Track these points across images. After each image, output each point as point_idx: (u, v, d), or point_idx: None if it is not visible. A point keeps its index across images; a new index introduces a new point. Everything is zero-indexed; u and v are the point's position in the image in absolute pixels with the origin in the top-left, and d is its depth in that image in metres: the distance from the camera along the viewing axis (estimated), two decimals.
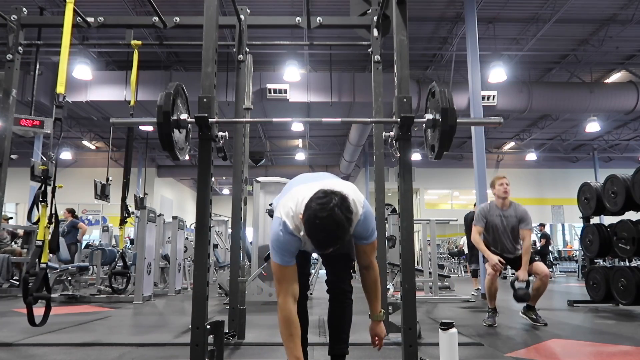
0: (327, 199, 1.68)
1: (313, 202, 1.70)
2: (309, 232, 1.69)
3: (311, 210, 1.67)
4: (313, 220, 1.65)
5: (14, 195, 17.79)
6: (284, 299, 1.84)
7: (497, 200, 4.40)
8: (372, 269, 2.08)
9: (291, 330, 1.81)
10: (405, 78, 2.26)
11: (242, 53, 3.54)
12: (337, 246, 1.72)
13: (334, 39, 10.34)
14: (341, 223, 1.66)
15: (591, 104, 12.49)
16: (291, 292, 1.85)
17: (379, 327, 2.13)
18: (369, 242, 2.01)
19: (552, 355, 3.04)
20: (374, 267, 2.08)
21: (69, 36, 3.29)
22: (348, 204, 1.71)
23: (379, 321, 2.12)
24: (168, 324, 4.27)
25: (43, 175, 3.27)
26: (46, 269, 3.25)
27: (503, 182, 4.40)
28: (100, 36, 10.36)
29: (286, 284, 1.85)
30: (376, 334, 2.12)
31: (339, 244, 1.70)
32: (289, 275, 1.86)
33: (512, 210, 4.34)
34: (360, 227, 1.92)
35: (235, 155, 3.50)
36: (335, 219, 1.64)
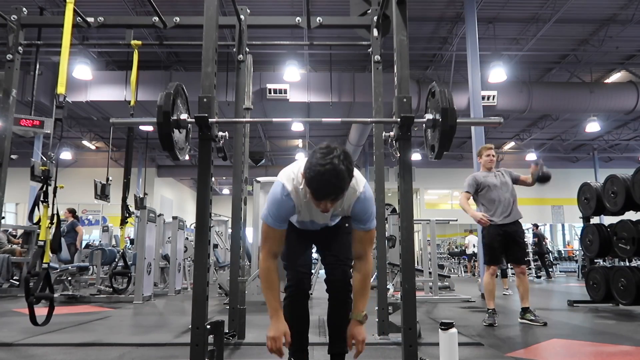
0: (329, 150, 1.72)
1: (316, 152, 1.74)
2: (309, 179, 1.70)
3: (313, 159, 1.71)
4: (314, 168, 1.68)
5: (14, 195, 17.79)
6: (265, 256, 1.98)
7: (483, 169, 4.53)
8: (365, 262, 2.05)
9: (269, 283, 1.96)
10: (405, 78, 2.26)
11: (242, 53, 3.54)
12: (335, 197, 1.72)
13: (334, 39, 10.34)
14: (341, 172, 1.67)
15: (591, 104, 12.49)
16: (273, 251, 1.98)
17: (357, 328, 2.00)
18: (365, 227, 2.00)
19: (552, 355, 3.04)
20: (368, 260, 2.05)
21: (69, 36, 3.29)
22: (350, 159, 1.74)
23: (358, 321, 2.01)
24: (168, 324, 4.27)
25: (44, 176, 3.27)
26: (48, 268, 3.26)
27: (490, 153, 4.51)
28: (100, 36, 10.36)
29: (270, 243, 1.98)
30: (353, 336, 2.00)
31: (337, 194, 1.71)
32: (275, 236, 1.97)
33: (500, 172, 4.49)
34: (358, 207, 1.94)
35: (235, 155, 3.49)
36: (335, 167, 1.66)
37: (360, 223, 2.00)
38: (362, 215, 1.96)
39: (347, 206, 1.95)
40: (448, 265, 15.27)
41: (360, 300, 2.04)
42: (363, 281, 2.05)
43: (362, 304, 2.04)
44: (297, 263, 2.11)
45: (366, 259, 2.04)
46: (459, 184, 20.37)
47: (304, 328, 2.15)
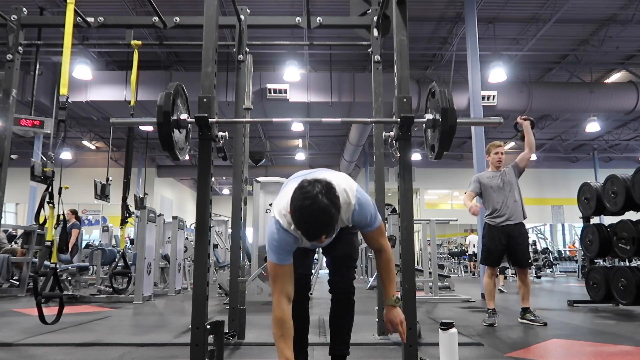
0: (310, 187, 1.67)
1: (296, 193, 1.69)
2: (296, 223, 1.68)
3: (296, 201, 1.66)
4: (298, 211, 1.64)
5: (14, 195, 17.80)
6: (278, 299, 1.84)
7: (492, 168, 4.49)
8: (383, 252, 2.04)
9: (283, 330, 1.80)
10: (405, 78, 2.26)
11: (242, 53, 3.54)
12: (327, 233, 1.68)
13: (334, 39, 10.34)
14: (327, 209, 1.63)
15: (591, 104, 12.49)
16: (286, 291, 1.84)
17: (393, 312, 1.99)
18: (373, 228, 1.98)
19: (552, 355, 3.04)
20: (386, 249, 2.04)
21: (70, 37, 3.29)
22: (333, 190, 1.69)
23: (392, 306, 2.00)
24: (168, 324, 4.27)
25: (48, 177, 3.28)
26: (56, 268, 3.28)
27: (499, 151, 4.45)
28: (100, 36, 10.36)
29: (281, 283, 1.85)
30: (390, 320, 1.99)
31: (328, 231, 1.67)
32: (284, 274, 1.86)
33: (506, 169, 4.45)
34: (358, 217, 1.91)
35: (235, 155, 3.50)
36: (319, 205, 1.62)
37: (365, 227, 1.98)
38: (364, 221, 1.94)
39: (347, 220, 1.91)
40: (448, 265, 15.27)
41: (389, 285, 2.02)
42: (387, 267, 2.04)
43: (391, 288, 2.02)
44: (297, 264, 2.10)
45: (384, 248, 2.03)
46: (459, 184, 20.34)
47: (304, 329, 2.15)
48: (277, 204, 1.90)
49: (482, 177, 4.45)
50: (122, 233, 6.58)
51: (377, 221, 1.99)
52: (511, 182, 4.36)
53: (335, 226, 1.71)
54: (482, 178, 4.44)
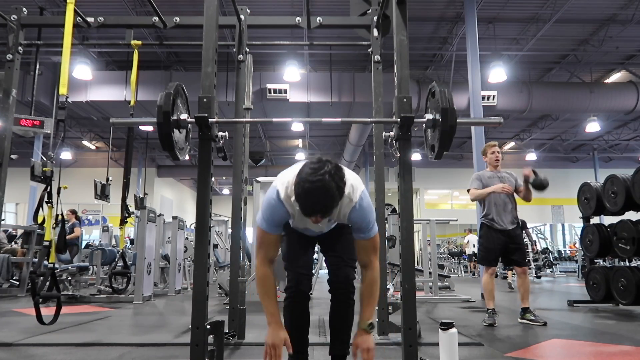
0: (321, 165, 1.65)
1: (306, 166, 1.68)
2: (297, 195, 1.66)
3: (303, 173, 1.65)
4: (303, 184, 1.63)
5: (14, 195, 17.79)
6: (260, 262, 1.95)
7: (490, 168, 4.48)
8: (370, 269, 1.99)
9: (266, 288, 1.93)
10: (405, 78, 2.26)
11: (242, 53, 3.54)
12: (323, 214, 1.67)
13: (334, 39, 10.34)
14: (330, 189, 1.61)
15: (591, 104, 12.49)
16: (269, 256, 1.95)
17: (363, 337, 1.91)
18: (366, 236, 1.95)
19: (552, 355, 3.04)
20: (374, 267, 2.00)
21: (70, 37, 3.29)
22: (341, 174, 1.68)
23: (364, 330, 1.92)
24: (168, 324, 4.27)
25: (47, 176, 3.28)
26: (54, 268, 3.28)
27: (495, 150, 4.46)
28: (100, 36, 10.36)
29: (266, 248, 1.95)
30: (357, 344, 1.91)
31: (325, 211, 1.66)
32: (270, 241, 1.95)
33: (506, 174, 4.43)
34: (355, 216, 1.89)
35: (235, 155, 3.50)
36: (324, 184, 1.60)
37: (359, 232, 1.95)
38: (360, 224, 1.91)
39: (343, 215, 1.90)
40: (448, 265, 15.26)
41: (367, 309, 1.97)
42: (369, 289, 1.99)
43: (368, 312, 1.97)
44: (298, 264, 2.10)
45: (371, 266, 1.99)
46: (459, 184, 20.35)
47: (304, 329, 2.14)
48: (283, 175, 1.93)
49: (483, 176, 4.45)
50: (122, 233, 6.59)
51: (374, 231, 1.97)
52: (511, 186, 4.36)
53: (333, 210, 1.70)
54: (483, 177, 4.43)
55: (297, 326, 2.09)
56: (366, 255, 1.99)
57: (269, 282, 1.94)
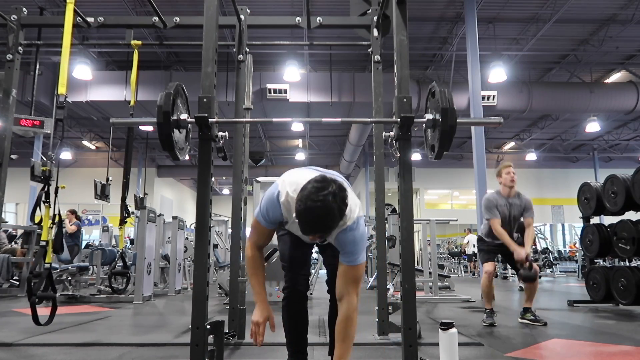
0: (325, 184, 1.62)
1: (310, 183, 1.64)
2: (298, 213, 1.62)
3: (306, 191, 1.61)
4: (305, 201, 1.59)
5: (14, 195, 17.80)
6: (250, 246, 2.02)
7: (504, 189, 4.35)
8: (347, 303, 1.80)
9: (255, 269, 2.00)
10: (405, 78, 2.26)
11: (242, 53, 3.54)
12: (322, 234, 1.66)
13: (334, 39, 10.34)
14: (332, 212, 1.58)
15: (591, 104, 12.50)
16: (259, 243, 2.02)
17: None
18: (350, 261, 1.81)
19: (552, 355, 3.04)
20: (351, 301, 1.80)
21: (69, 36, 3.29)
22: (345, 196, 1.64)
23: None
24: (168, 324, 4.27)
25: (45, 176, 3.27)
26: (50, 268, 3.27)
27: (510, 170, 4.36)
28: (100, 36, 10.37)
29: (257, 235, 2.01)
30: None
31: (324, 232, 1.64)
32: (261, 231, 2.00)
33: (517, 199, 4.34)
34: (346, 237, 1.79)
35: (235, 155, 3.49)
36: (327, 205, 1.57)
37: (344, 255, 1.82)
38: (348, 247, 1.80)
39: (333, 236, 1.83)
40: (448, 265, 15.26)
41: (341, 348, 1.79)
42: (343, 326, 1.80)
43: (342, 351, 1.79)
44: (295, 264, 2.09)
45: (349, 299, 1.80)
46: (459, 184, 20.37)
47: (303, 329, 2.14)
48: (290, 177, 1.89)
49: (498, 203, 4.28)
50: (121, 233, 6.59)
51: (360, 260, 1.84)
52: (516, 217, 4.31)
53: (332, 231, 1.68)
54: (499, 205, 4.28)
55: (295, 326, 2.09)
56: (345, 285, 1.82)
57: (257, 262, 2.01)
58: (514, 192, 4.34)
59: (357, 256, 1.82)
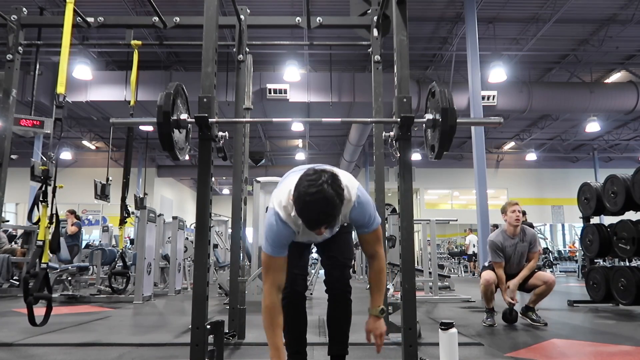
0: (317, 176, 1.66)
1: (303, 180, 1.67)
2: (299, 211, 1.66)
3: (301, 187, 1.65)
4: (303, 198, 1.62)
5: (14, 195, 17.79)
6: (269, 290, 1.87)
7: (508, 228, 4.28)
8: (377, 259, 2.01)
9: (273, 319, 1.86)
10: (405, 78, 2.26)
11: (242, 53, 3.54)
12: (329, 224, 1.67)
13: (334, 39, 10.34)
14: (331, 199, 1.62)
15: (591, 104, 12.50)
16: (277, 282, 1.88)
17: (376, 323, 1.99)
18: (370, 230, 1.96)
19: (552, 355, 3.04)
20: (380, 257, 2.01)
21: (69, 36, 3.29)
22: (338, 181, 1.68)
23: (376, 317, 1.99)
24: (168, 324, 4.27)
25: (43, 176, 3.26)
26: (47, 269, 3.25)
27: (515, 209, 4.28)
28: (100, 36, 10.37)
29: (273, 274, 1.88)
30: (370, 330, 1.99)
31: (330, 221, 1.66)
32: (277, 266, 1.88)
33: (522, 236, 4.29)
34: (355, 214, 1.90)
35: (235, 155, 3.50)
36: (325, 195, 1.61)
37: (362, 227, 1.96)
38: (362, 220, 1.93)
39: (344, 215, 1.89)
40: (448, 265, 15.26)
41: (376, 295, 2.01)
42: (377, 276, 2.02)
43: (378, 298, 2.00)
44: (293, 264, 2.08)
45: (378, 257, 2.01)
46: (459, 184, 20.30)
47: (301, 329, 2.14)
48: (277, 195, 1.89)
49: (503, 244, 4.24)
50: (121, 233, 6.59)
51: (376, 223, 1.96)
52: (523, 255, 4.29)
53: (337, 218, 1.70)
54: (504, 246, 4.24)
55: (293, 326, 2.09)
56: (371, 247, 2.00)
57: (276, 312, 1.87)
58: (518, 230, 4.28)
59: (372, 223, 1.95)
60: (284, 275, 1.91)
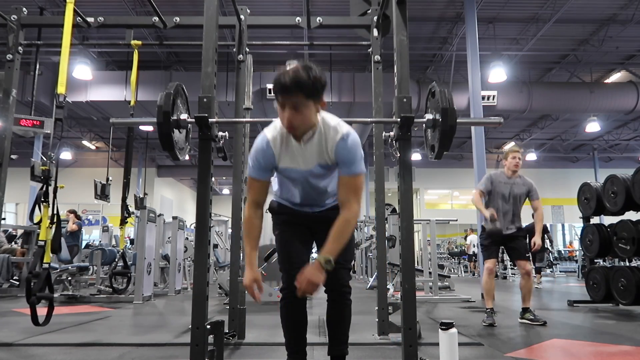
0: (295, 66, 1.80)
1: None
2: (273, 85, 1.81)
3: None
4: (277, 76, 1.79)
5: (14, 195, 17.78)
6: (248, 205, 2.01)
7: (507, 171, 4.43)
8: (347, 209, 1.89)
9: (249, 230, 2.00)
10: (405, 78, 2.26)
11: (242, 53, 3.54)
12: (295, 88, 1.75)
13: (334, 39, 10.34)
14: (299, 72, 1.75)
15: (591, 104, 12.49)
16: (256, 200, 2.00)
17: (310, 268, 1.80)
18: (350, 172, 1.90)
19: (552, 355, 3.04)
20: (351, 208, 1.89)
21: (69, 36, 3.29)
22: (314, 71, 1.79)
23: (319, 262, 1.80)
24: (168, 324, 4.27)
25: (44, 176, 3.27)
26: (49, 269, 3.26)
27: (516, 155, 4.43)
28: (100, 36, 10.36)
29: (253, 194, 2.00)
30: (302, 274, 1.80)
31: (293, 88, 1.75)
32: (257, 187, 1.99)
33: (520, 179, 4.41)
34: (342, 149, 1.90)
35: (235, 155, 3.50)
36: (296, 69, 1.76)
37: (344, 166, 1.91)
38: (346, 157, 1.90)
39: (330, 148, 1.91)
40: (448, 265, 15.26)
41: (330, 243, 1.85)
42: (340, 225, 1.88)
43: (332, 247, 1.85)
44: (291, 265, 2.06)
45: (349, 207, 1.89)
46: (459, 184, 20.26)
47: (301, 329, 2.11)
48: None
49: (495, 179, 4.38)
50: (122, 233, 6.59)
51: (359, 169, 1.92)
52: (519, 196, 4.36)
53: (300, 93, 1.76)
54: (495, 180, 4.37)
55: (293, 326, 2.08)
56: (346, 193, 1.91)
57: (253, 222, 1.99)
58: (516, 175, 4.42)
59: (354, 165, 1.91)
60: (264, 195, 2.02)
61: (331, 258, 1.82)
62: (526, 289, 4.25)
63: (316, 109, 1.87)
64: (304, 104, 1.78)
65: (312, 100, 1.81)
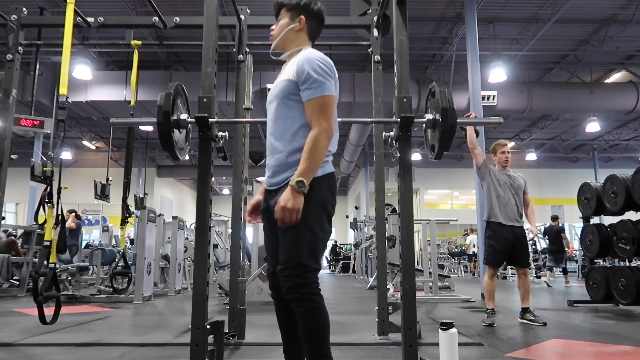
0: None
1: None
2: None
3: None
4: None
5: (14, 195, 17.80)
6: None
7: (498, 167, 4.45)
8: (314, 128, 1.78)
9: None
10: (405, 78, 2.26)
11: (242, 53, 3.54)
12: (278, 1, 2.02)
13: (334, 39, 10.33)
14: None
15: (591, 104, 12.49)
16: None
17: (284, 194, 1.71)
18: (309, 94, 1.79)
19: (552, 355, 3.04)
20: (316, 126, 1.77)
21: (70, 37, 3.29)
22: None
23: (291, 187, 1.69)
24: (168, 324, 4.27)
25: (47, 176, 3.28)
26: (55, 268, 3.28)
27: (505, 150, 4.41)
28: (100, 36, 10.36)
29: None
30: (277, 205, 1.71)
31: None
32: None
33: (513, 174, 4.43)
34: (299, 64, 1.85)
35: (235, 155, 3.50)
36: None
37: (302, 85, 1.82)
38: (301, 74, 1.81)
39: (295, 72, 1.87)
40: (448, 265, 15.26)
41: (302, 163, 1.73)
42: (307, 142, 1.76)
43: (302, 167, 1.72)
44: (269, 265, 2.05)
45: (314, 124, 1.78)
46: (459, 184, 20.29)
47: (289, 329, 2.01)
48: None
49: (492, 169, 4.40)
50: (122, 233, 6.58)
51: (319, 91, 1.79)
52: (519, 186, 4.38)
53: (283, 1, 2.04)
54: (492, 169, 4.39)
55: (280, 325, 2.04)
56: (309, 116, 1.80)
57: None
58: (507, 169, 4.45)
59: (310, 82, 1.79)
60: None
61: (303, 179, 1.69)
62: (524, 289, 4.25)
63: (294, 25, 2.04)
64: (282, 15, 2.04)
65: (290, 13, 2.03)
